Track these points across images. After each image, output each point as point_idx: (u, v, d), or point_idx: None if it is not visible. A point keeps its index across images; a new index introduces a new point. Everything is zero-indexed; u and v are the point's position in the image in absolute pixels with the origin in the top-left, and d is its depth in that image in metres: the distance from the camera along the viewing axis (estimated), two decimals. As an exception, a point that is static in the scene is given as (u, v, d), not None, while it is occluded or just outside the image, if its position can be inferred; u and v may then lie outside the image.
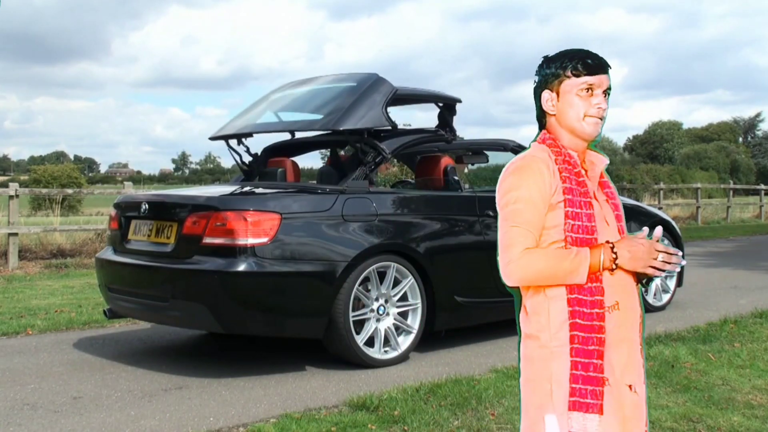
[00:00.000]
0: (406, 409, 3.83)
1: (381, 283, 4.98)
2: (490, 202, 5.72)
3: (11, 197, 10.41)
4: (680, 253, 1.89)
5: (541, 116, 1.94)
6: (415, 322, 5.11)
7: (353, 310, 4.83)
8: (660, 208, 17.17)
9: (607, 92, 1.89)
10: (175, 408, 4.05)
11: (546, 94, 1.90)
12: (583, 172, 1.89)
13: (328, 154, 6.50)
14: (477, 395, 4.03)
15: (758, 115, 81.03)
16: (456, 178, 5.88)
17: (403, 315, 5.10)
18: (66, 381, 4.63)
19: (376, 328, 4.96)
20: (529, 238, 1.81)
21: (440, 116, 6.05)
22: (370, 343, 4.94)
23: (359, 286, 4.85)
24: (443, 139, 5.90)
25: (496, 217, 1.96)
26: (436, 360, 5.12)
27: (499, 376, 4.48)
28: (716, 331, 5.77)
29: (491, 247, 5.57)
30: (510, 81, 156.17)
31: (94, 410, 4.03)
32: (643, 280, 1.90)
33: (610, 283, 1.81)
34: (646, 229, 1.87)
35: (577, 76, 1.85)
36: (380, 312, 4.99)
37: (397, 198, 5.40)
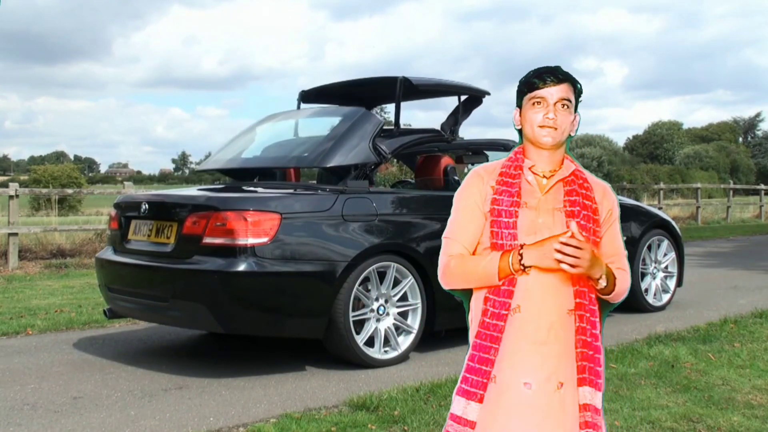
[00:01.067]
0: (406, 409, 3.83)
1: (381, 283, 4.98)
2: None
3: (11, 197, 10.41)
4: (570, 236, 1.86)
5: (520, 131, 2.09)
6: (415, 322, 5.11)
7: (353, 310, 4.83)
8: (660, 208, 17.18)
9: (566, 103, 1.97)
10: (175, 408, 4.05)
11: (516, 112, 2.05)
12: (535, 182, 2.00)
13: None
14: (477, 395, 4.02)
15: (758, 115, 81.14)
16: (456, 178, 5.88)
17: (403, 315, 5.10)
18: (66, 381, 4.63)
19: (376, 328, 4.96)
20: (454, 246, 2.01)
21: (455, 111, 5.99)
22: (370, 343, 4.94)
23: (359, 286, 4.85)
24: (443, 139, 5.89)
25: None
26: (436, 360, 5.12)
27: (499, 376, 4.47)
28: (716, 331, 5.77)
29: (491, 247, 5.61)
30: (511, 81, 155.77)
31: (94, 410, 4.03)
32: (603, 288, 1.94)
33: (520, 287, 1.92)
34: (573, 224, 1.90)
35: (530, 90, 1.98)
36: (380, 312, 4.99)
37: (397, 198, 5.40)
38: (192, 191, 5.65)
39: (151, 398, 4.25)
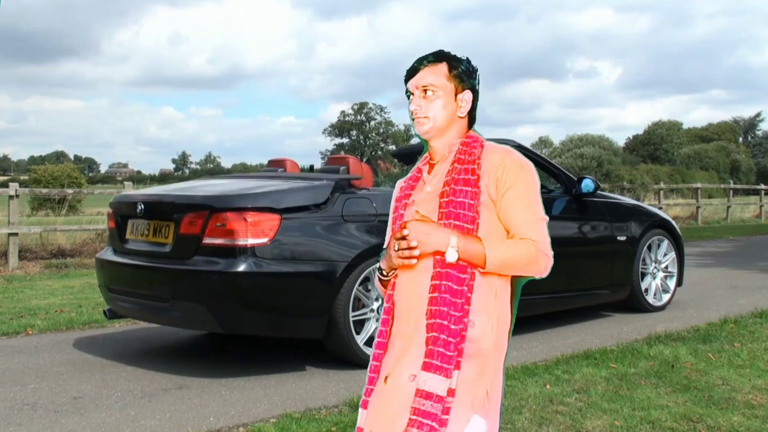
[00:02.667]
0: (406, 409, 3.82)
1: (381, 283, 4.98)
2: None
3: (11, 197, 10.41)
4: (412, 244, 1.82)
5: None
6: (415, 322, 5.10)
7: (353, 310, 4.83)
8: (660, 208, 17.18)
9: (431, 89, 1.92)
10: (175, 408, 4.05)
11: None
12: (426, 172, 1.99)
13: (329, 154, 6.50)
14: (477, 395, 4.02)
15: (758, 115, 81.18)
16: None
17: (403, 315, 5.09)
18: (66, 381, 4.63)
19: (376, 328, 4.95)
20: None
21: None
22: (370, 343, 4.93)
23: (359, 286, 4.85)
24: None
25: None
26: (436, 360, 5.11)
27: (499, 376, 4.48)
28: (716, 331, 5.77)
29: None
30: (503, 81, 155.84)
31: (94, 410, 4.03)
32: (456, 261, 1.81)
33: (396, 283, 1.92)
34: (408, 213, 1.93)
35: (405, 83, 1.97)
36: (380, 312, 4.98)
37: (397, 198, 5.38)
38: (188, 189, 5.59)
39: (151, 398, 4.25)
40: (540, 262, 1.84)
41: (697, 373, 4.53)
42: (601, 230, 6.47)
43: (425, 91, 1.91)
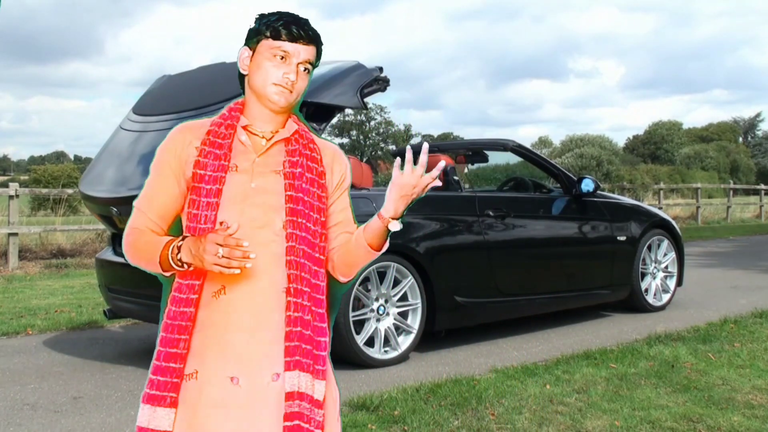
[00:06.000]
0: (406, 409, 3.83)
1: (381, 283, 4.98)
2: (490, 202, 5.72)
3: (11, 197, 10.41)
4: (244, 244, 1.57)
5: (242, 77, 1.79)
6: (415, 322, 5.11)
7: (353, 310, 4.83)
8: (660, 208, 17.18)
9: (309, 68, 1.74)
10: (175, 408, 4.05)
11: (244, 51, 1.75)
12: (240, 141, 1.73)
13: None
14: (477, 395, 4.03)
15: (758, 115, 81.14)
16: (456, 178, 5.88)
17: (403, 315, 5.10)
18: (66, 381, 4.63)
19: (376, 328, 4.97)
20: (140, 218, 1.71)
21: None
22: (370, 343, 4.94)
23: (359, 286, 4.85)
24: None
25: (496, 217, 1.94)
26: (436, 360, 5.12)
27: (499, 376, 4.48)
28: (716, 331, 5.77)
29: (491, 247, 5.62)
30: (506, 80, 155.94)
31: (94, 410, 4.03)
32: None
33: (243, 270, 1.62)
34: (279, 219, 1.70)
35: (275, 38, 1.70)
36: (380, 312, 4.99)
37: (397, 198, 5.37)
38: None
39: (151, 398, 4.24)
40: None
41: (697, 373, 4.53)
42: (601, 230, 6.48)
43: (306, 69, 1.73)
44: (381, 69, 5.23)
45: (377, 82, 5.25)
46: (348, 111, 5.92)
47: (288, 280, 1.67)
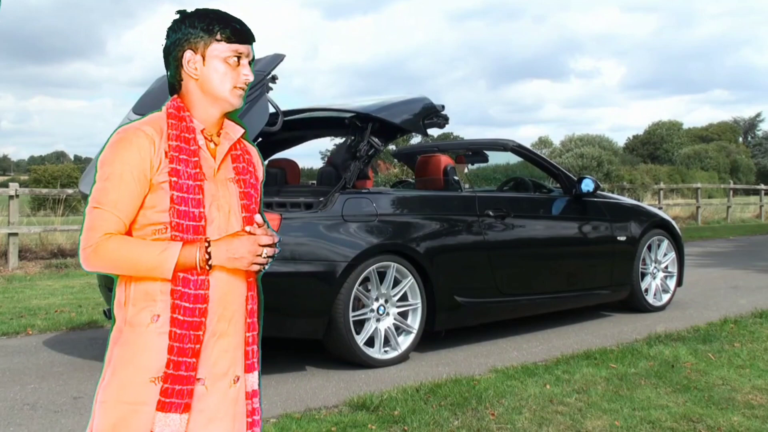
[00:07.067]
0: (406, 409, 3.83)
1: (381, 283, 4.98)
2: (490, 202, 5.72)
3: (11, 197, 10.41)
4: (277, 239, 1.73)
5: (176, 80, 1.76)
6: (415, 322, 5.11)
7: (353, 310, 4.83)
8: (660, 208, 17.18)
9: (251, 63, 1.77)
10: (175, 408, 4.05)
11: (189, 55, 1.72)
12: (206, 148, 1.74)
13: (329, 153, 6.51)
14: (477, 395, 4.03)
15: (758, 115, 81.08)
16: (456, 178, 5.88)
17: (403, 315, 5.10)
18: (66, 381, 4.63)
19: (376, 328, 4.97)
20: (111, 221, 1.66)
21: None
22: (370, 343, 4.94)
23: (359, 286, 4.85)
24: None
25: (496, 217, 1.94)
26: (436, 360, 5.12)
27: (499, 376, 4.48)
28: (716, 331, 5.77)
29: (491, 247, 5.62)
30: (507, 81, 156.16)
31: (94, 410, 4.03)
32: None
33: (216, 275, 1.69)
34: (258, 218, 1.75)
35: (228, 42, 1.71)
36: (380, 312, 4.99)
37: (397, 198, 5.40)
38: None
39: (151, 398, 4.24)
40: None
41: (697, 373, 4.53)
42: (601, 230, 6.48)
43: (249, 63, 1.77)
44: (443, 107, 5.59)
45: (438, 117, 5.56)
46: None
47: (247, 287, 1.78)
